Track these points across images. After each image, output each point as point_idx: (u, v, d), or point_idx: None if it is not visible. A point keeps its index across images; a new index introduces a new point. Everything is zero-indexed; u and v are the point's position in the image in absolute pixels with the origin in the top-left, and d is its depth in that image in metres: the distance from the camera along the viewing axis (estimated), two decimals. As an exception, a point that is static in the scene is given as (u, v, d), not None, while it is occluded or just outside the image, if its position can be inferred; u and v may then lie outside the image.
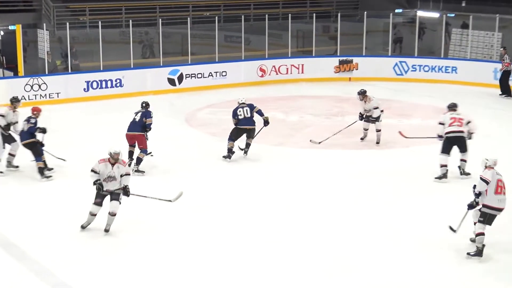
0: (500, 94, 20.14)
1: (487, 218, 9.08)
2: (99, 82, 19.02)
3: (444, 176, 12.23)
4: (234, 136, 13.37)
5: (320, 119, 17.04)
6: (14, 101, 12.86)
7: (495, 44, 22.65)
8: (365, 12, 22.66)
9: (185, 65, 20.64)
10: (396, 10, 24.33)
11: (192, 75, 20.46)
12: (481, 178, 9.10)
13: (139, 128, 12.54)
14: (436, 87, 21.11)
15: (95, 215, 9.76)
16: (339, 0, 28.08)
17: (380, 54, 23.32)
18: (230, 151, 13.29)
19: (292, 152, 14.19)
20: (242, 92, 17.42)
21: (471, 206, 9.22)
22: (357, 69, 22.25)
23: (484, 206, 9.12)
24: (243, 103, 13.47)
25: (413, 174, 12.67)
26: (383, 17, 23.52)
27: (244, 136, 13.46)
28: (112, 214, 9.66)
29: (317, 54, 22.67)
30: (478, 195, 9.12)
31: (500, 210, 9.11)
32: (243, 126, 13.33)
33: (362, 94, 14.43)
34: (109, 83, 19.14)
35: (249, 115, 13.35)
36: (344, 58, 22.39)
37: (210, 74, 20.70)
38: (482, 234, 9.06)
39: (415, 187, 12.01)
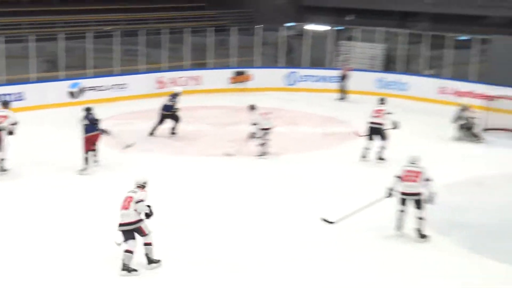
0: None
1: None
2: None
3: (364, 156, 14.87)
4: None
5: (216, 128, 18.12)
6: None
7: (379, 55, 24.42)
8: (258, 26, 24.01)
9: (85, 78, 21.19)
10: (287, 24, 25.77)
11: (93, 88, 21.04)
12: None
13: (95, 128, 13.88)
14: (324, 96, 22.60)
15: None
16: (234, 14, 29.44)
17: (272, 66, 24.57)
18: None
19: (190, 160, 15.18)
20: (142, 104, 18.17)
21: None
22: (251, 80, 23.58)
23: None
24: None
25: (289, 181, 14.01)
26: (275, 30, 24.88)
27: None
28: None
29: (213, 66, 23.74)
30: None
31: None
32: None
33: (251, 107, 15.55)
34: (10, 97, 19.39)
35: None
36: (239, 69, 23.66)
37: (111, 87, 21.40)
38: None
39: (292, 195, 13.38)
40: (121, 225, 9.71)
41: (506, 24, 23.94)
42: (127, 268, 9.55)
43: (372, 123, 14.90)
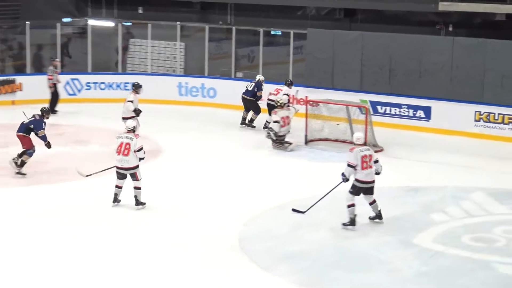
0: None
1: (356, 190, 12.44)
2: None
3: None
4: None
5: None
6: None
7: (178, 56, 24.26)
8: (28, 23, 22.84)
9: None
10: (64, 19, 24.84)
11: None
12: (348, 164, 12.41)
13: (23, 130, 15.11)
14: (115, 107, 21.84)
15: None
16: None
17: (45, 72, 23.31)
18: None
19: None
20: None
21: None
22: (21, 90, 22.33)
23: (355, 180, 12.46)
24: None
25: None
26: (49, 28, 23.84)
27: None
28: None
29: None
30: (347, 180, 12.56)
31: (367, 183, 12.44)
32: None
33: None
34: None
35: None
36: (5, 78, 22.32)
37: None
38: (353, 205, 12.41)
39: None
40: (121, 169, 13.15)
41: (323, 16, 24.72)
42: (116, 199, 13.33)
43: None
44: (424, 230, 12.65)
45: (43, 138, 15.24)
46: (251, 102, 20.23)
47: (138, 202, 13.32)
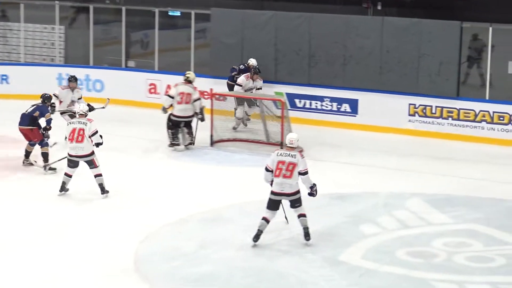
0: None
1: (268, 202, 12.25)
2: None
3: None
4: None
5: None
6: None
7: (57, 42, 23.88)
8: None
9: None
10: None
11: None
12: (265, 168, 12.26)
13: (27, 122, 16.13)
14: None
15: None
16: None
17: None
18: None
19: None
20: None
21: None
22: None
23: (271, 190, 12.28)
24: None
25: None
26: None
27: None
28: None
29: None
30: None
31: (279, 195, 12.19)
32: None
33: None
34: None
35: None
36: None
37: None
38: (265, 219, 12.20)
39: None
40: (75, 157, 14.26)
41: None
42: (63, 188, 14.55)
43: None
44: (353, 244, 12.66)
45: (48, 121, 16.26)
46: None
47: (104, 191, 14.52)
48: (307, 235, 12.46)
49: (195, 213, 13.90)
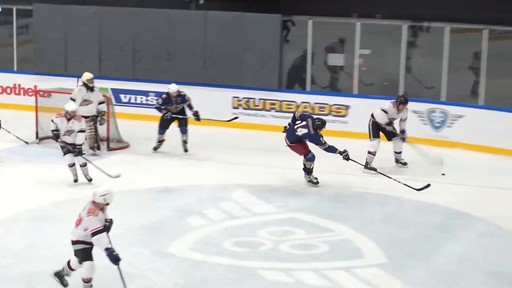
0: None
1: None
2: None
3: None
4: None
5: None
6: None
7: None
8: None
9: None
10: None
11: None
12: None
13: None
14: None
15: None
16: None
17: None
18: None
19: None
20: None
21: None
22: None
23: None
24: None
25: None
26: None
27: None
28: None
29: None
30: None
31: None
32: None
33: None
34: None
35: None
36: None
37: None
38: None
39: None
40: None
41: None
42: None
43: None
44: (180, 237, 12.85)
45: None
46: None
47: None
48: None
49: (23, 211, 13.76)
